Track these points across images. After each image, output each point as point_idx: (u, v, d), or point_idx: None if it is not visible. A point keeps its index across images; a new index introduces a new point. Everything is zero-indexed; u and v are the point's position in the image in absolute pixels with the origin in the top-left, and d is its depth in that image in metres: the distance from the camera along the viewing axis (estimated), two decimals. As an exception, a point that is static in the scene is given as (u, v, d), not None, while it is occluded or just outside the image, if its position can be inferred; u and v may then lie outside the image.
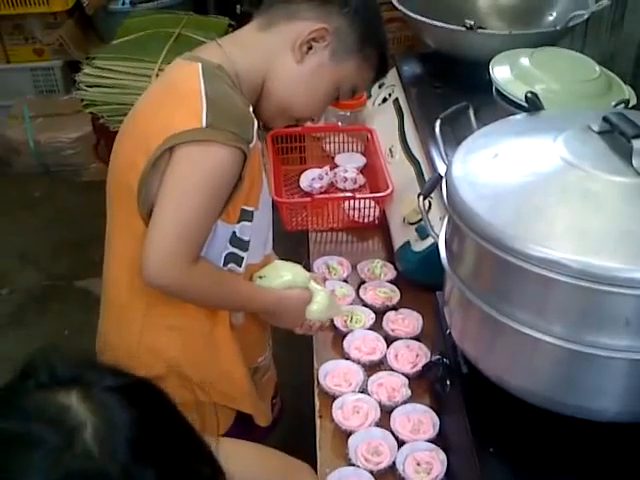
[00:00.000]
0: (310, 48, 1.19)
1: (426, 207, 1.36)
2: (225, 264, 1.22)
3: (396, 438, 1.17)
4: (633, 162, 0.91)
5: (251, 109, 1.17)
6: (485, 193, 0.96)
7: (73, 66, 3.27)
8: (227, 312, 1.28)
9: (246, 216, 1.20)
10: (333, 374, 1.29)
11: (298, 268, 1.34)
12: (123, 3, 3.43)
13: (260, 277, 1.29)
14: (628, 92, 1.44)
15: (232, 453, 0.68)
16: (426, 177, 1.50)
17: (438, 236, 1.11)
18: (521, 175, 0.97)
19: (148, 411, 0.60)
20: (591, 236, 0.86)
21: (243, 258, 1.23)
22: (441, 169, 1.29)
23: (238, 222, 1.19)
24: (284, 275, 1.30)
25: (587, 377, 0.91)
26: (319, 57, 1.20)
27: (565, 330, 0.88)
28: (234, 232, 1.19)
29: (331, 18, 1.19)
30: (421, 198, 1.18)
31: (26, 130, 3.36)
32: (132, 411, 0.59)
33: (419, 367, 1.28)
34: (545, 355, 0.93)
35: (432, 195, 1.36)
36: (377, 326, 1.39)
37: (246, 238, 1.22)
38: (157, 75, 2.18)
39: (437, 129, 1.22)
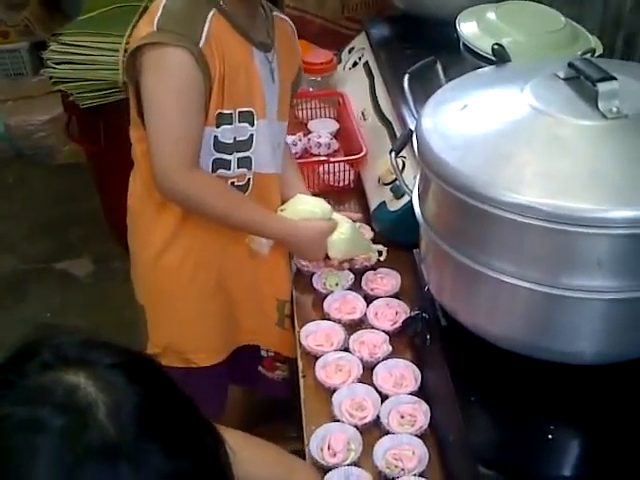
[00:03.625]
0: None
1: (400, 166, 1.37)
2: (214, 170, 1.29)
3: (379, 393, 1.18)
4: (599, 105, 0.92)
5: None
6: (455, 143, 0.97)
7: (40, 47, 3.19)
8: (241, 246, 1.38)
9: (225, 119, 1.25)
10: (315, 335, 1.30)
11: (319, 200, 1.38)
12: (88, -20, 3.37)
13: (282, 210, 1.35)
14: (594, 42, 1.46)
15: (236, 446, 0.68)
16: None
17: (412, 192, 1.12)
18: (490, 124, 0.98)
19: (150, 386, 0.61)
20: (560, 179, 0.88)
21: (230, 161, 1.29)
22: (412, 125, 1.30)
23: (218, 127, 1.25)
24: (302, 206, 1.35)
25: (563, 320, 0.93)
26: None
27: (539, 274, 0.89)
28: (216, 136, 1.26)
29: None
30: (393, 154, 1.18)
31: (-4, 114, 3.32)
32: (136, 387, 0.59)
33: (399, 323, 1.29)
34: (521, 300, 0.94)
35: (405, 155, 1.37)
36: (356, 286, 1.40)
37: (228, 141, 1.27)
38: (125, 50, 2.16)
39: (406, 84, 1.23)
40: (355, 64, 1.93)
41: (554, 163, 0.90)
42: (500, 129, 0.97)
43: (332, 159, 1.68)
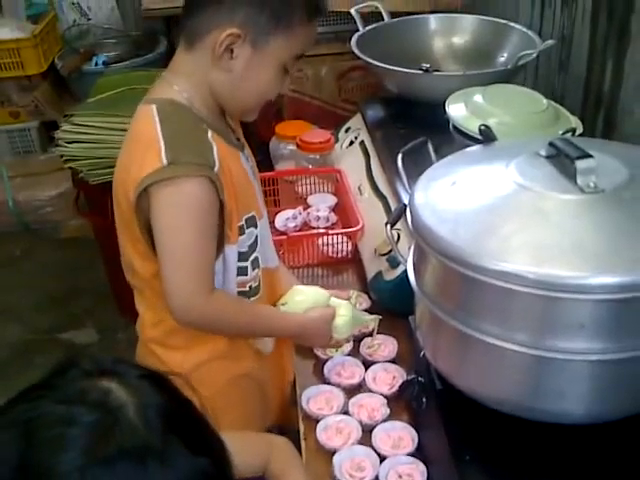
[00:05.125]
0: (232, 52, 1.16)
1: (395, 238, 1.43)
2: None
3: (378, 454, 1.21)
4: (578, 181, 0.98)
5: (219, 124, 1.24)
6: (446, 217, 1.03)
7: (48, 126, 3.32)
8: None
9: (241, 231, 1.25)
10: (315, 399, 1.34)
11: (317, 289, 1.40)
12: (96, 64, 3.49)
13: (282, 304, 1.36)
14: (575, 121, 1.54)
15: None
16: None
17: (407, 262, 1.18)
18: (478, 199, 1.04)
19: (170, 395, 0.70)
20: (544, 249, 0.93)
21: (247, 267, 1.29)
22: (406, 200, 1.37)
23: (239, 236, 1.25)
24: (304, 299, 1.37)
25: (550, 381, 0.97)
26: (244, 55, 1.17)
27: (526, 337, 0.94)
28: (238, 251, 1.26)
29: (235, 13, 1.15)
30: (388, 227, 1.24)
31: (5, 190, 3.39)
32: (160, 394, 0.68)
33: (396, 387, 1.33)
34: (510, 363, 0.98)
35: (400, 227, 1.44)
36: (355, 352, 1.45)
37: (244, 250, 1.27)
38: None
39: (399, 162, 1.30)
40: (351, 143, 2.01)
41: (538, 234, 0.95)
42: (487, 204, 1.02)
43: (331, 232, 1.74)
